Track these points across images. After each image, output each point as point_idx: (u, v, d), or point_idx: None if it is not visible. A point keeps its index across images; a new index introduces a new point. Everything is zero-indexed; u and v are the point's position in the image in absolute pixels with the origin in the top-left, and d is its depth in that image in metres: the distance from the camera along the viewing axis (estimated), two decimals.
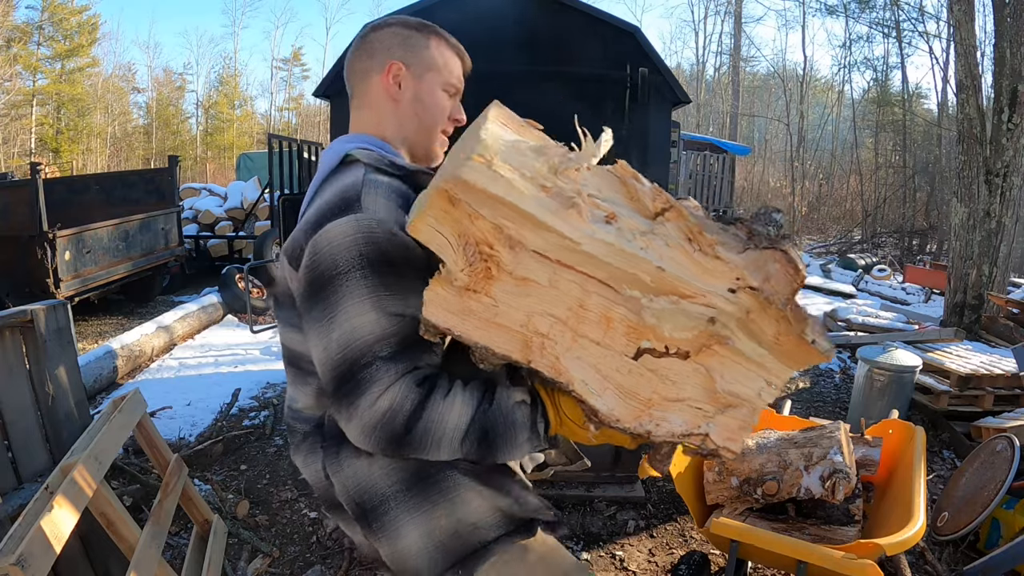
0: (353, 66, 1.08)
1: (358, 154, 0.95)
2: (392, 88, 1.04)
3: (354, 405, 0.82)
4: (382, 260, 0.83)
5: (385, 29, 1.07)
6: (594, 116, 2.65)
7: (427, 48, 1.06)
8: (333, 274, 0.83)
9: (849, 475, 1.84)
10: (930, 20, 14.38)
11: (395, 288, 0.84)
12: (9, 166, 18.52)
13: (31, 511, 1.45)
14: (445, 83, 1.07)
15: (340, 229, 0.84)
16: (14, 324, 2.29)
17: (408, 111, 1.05)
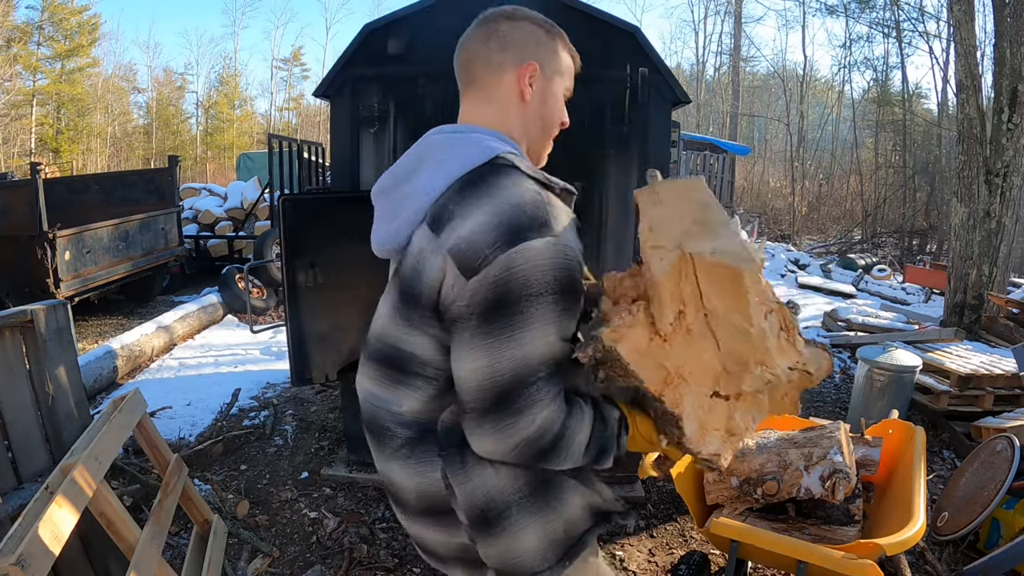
0: (479, 54, 1.04)
1: (513, 159, 0.94)
2: (526, 88, 1.02)
3: (512, 422, 0.86)
4: (569, 286, 0.87)
5: (520, 23, 1.04)
6: (594, 116, 2.66)
7: (556, 51, 1.07)
8: (524, 294, 0.83)
9: (849, 475, 1.84)
10: (930, 20, 14.39)
11: (572, 313, 0.90)
12: (9, 166, 18.51)
13: (31, 511, 1.45)
14: (566, 88, 1.09)
15: (538, 251, 0.83)
16: (14, 324, 2.29)
17: (535, 113, 1.05)
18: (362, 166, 2.78)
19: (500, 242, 0.83)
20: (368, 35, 2.65)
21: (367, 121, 2.74)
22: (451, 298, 0.88)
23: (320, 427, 3.68)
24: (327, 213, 2.64)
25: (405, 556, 2.53)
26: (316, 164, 4.51)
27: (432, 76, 2.67)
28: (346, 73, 2.69)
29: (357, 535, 2.65)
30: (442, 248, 0.88)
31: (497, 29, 1.04)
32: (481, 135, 0.98)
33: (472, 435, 0.90)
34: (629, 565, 2.51)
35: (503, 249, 0.83)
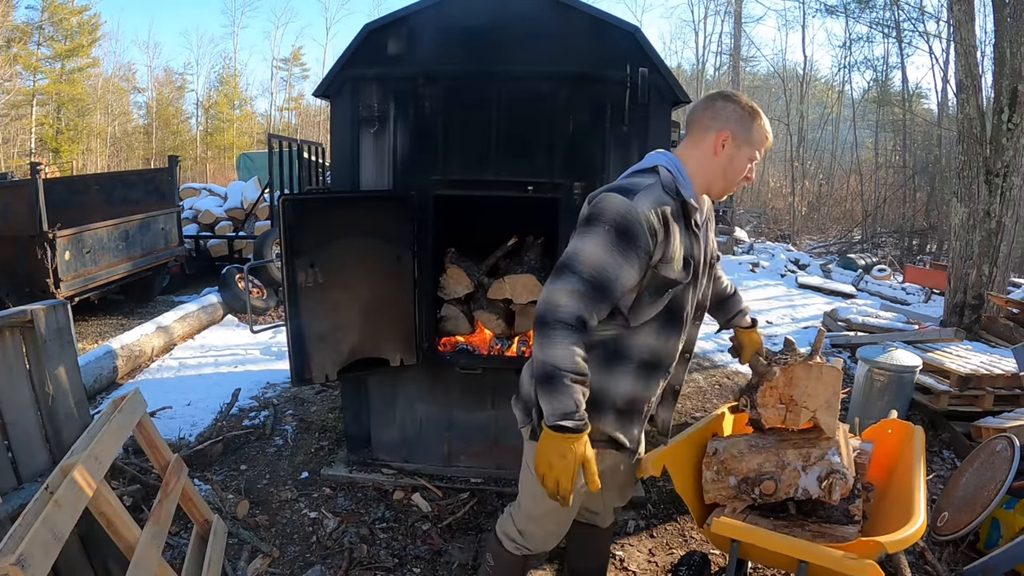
0: (698, 118, 1.56)
1: (662, 171, 1.49)
2: (718, 147, 1.53)
3: (557, 282, 1.38)
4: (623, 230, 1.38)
5: (731, 103, 1.53)
6: (594, 116, 2.66)
7: (751, 129, 1.53)
8: (597, 218, 1.40)
9: (846, 476, 1.83)
10: (930, 20, 14.36)
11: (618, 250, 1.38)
12: (9, 166, 18.51)
13: (31, 511, 1.45)
14: (752, 156, 1.55)
15: (616, 200, 1.40)
16: (14, 324, 2.29)
17: (718, 166, 1.54)
18: (362, 166, 2.78)
19: (606, 190, 1.45)
20: (368, 35, 2.65)
21: (367, 121, 2.74)
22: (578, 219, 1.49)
23: (320, 427, 3.68)
24: (327, 213, 2.64)
25: (405, 556, 2.53)
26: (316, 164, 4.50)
27: (432, 76, 2.67)
28: (346, 73, 2.69)
29: (357, 535, 2.65)
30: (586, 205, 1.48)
31: (715, 103, 1.55)
32: (663, 157, 1.54)
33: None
34: (629, 565, 2.51)
35: (603, 193, 1.44)
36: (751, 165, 1.56)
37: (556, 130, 2.68)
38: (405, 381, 2.99)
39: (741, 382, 4.33)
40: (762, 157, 1.60)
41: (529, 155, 2.71)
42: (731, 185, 1.57)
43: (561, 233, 2.76)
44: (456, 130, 2.72)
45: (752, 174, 1.57)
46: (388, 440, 3.09)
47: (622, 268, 1.38)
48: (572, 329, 1.34)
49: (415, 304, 2.85)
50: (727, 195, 1.63)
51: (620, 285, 1.39)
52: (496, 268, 3.30)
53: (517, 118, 2.68)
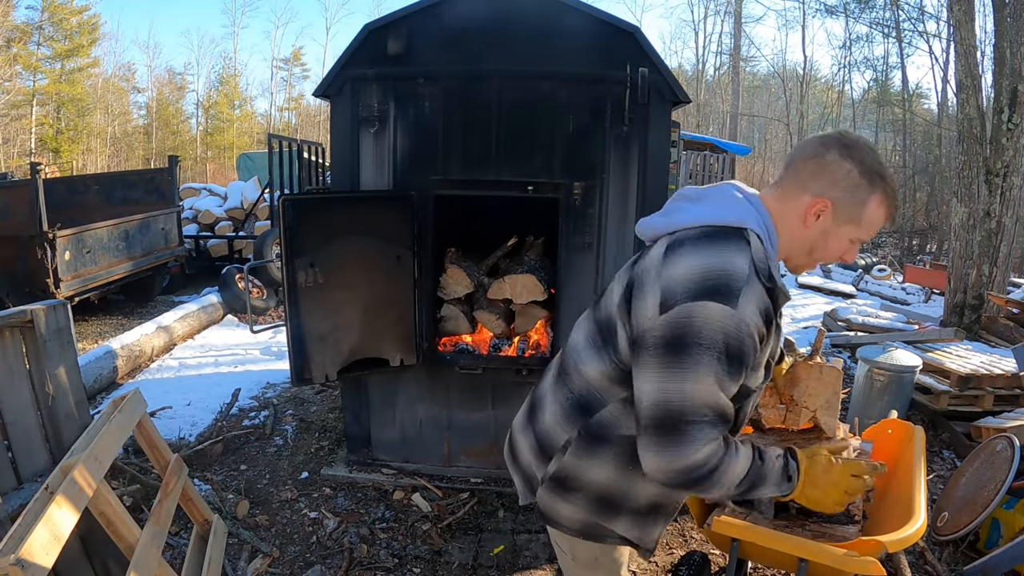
0: (799, 165, 1.15)
1: (752, 241, 1.08)
2: (810, 216, 1.14)
3: (674, 449, 1.03)
4: (735, 354, 1.02)
5: (846, 162, 1.11)
6: (594, 116, 2.66)
7: (865, 204, 1.12)
8: (696, 342, 1.00)
9: None
10: (930, 20, 14.38)
11: (734, 375, 1.04)
12: (9, 166, 18.50)
13: (31, 511, 1.45)
14: (856, 237, 1.16)
15: (717, 313, 1.00)
16: (14, 324, 2.29)
17: (808, 237, 1.16)
18: (362, 166, 2.78)
19: (690, 293, 1.01)
20: (368, 35, 2.65)
21: (367, 121, 2.74)
22: (645, 325, 1.06)
23: (320, 427, 3.68)
24: (327, 213, 2.64)
25: (405, 556, 2.53)
26: (316, 164, 4.50)
27: (432, 76, 2.67)
28: (346, 73, 2.69)
29: (357, 535, 2.65)
30: (657, 282, 1.06)
31: (825, 154, 1.12)
32: (754, 211, 1.13)
33: (643, 451, 1.07)
34: (629, 565, 2.51)
35: (689, 300, 1.01)
36: (851, 249, 1.18)
37: (556, 130, 2.68)
38: (405, 381, 2.99)
39: None
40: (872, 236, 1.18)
41: (529, 155, 2.71)
42: (814, 264, 1.23)
43: (561, 233, 2.77)
44: (456, 130, 2.72)
45: (851, 258, 1.20)
46: (388, 440, 3.09)
47: (730, 390, 1.07)
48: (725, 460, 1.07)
49: (415, 304, 2.85)
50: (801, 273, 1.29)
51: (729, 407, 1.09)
52: (496, 268, 3.30)
53: (517, 118, 2.68)
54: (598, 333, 1.21)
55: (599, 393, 1.20)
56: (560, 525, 1.32)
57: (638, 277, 1.12)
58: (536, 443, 1.33)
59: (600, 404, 1.20)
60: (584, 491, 1.26)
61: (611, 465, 1.22)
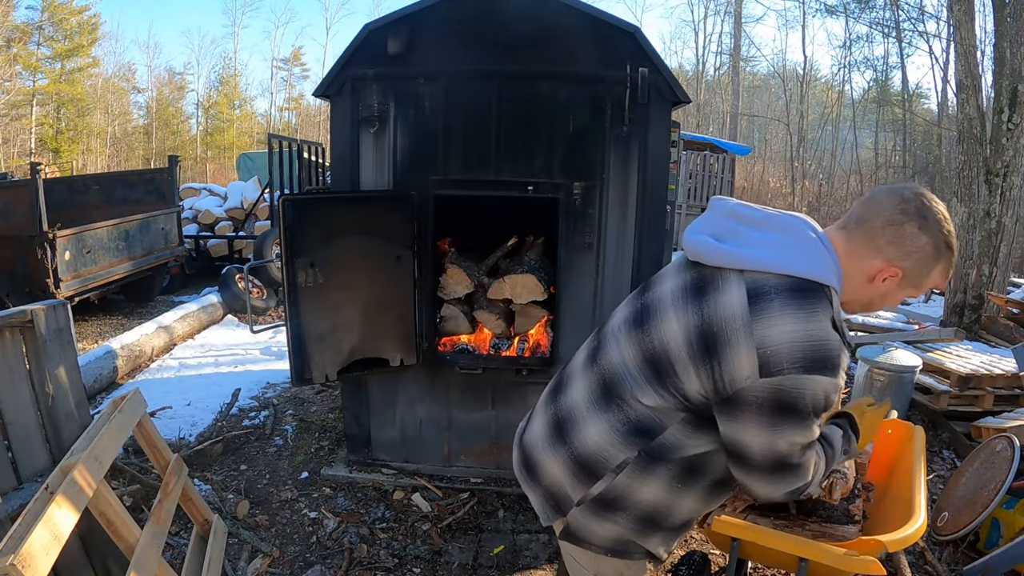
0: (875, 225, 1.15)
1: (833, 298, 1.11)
2: (879, 280, 1.17)
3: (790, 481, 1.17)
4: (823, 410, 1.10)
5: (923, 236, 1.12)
6: (595, 116, 2.66)
7: (929, 274, 1.17)
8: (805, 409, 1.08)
9: (847, 476, 1.84)
10: (930, 20, 14.37)
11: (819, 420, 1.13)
12: (9, 166, 18.50)
13: (31, 511, 1.44)
14: (916, 289, 1.21)
15: (824, 385, 1.06)
16: (14, 324, 2.29)
17: (870, 294, 1.20)
18: (362, 166, 2.78)
19: (797, 366, 1.04)
20: (368, 35, 2.65)
21: (367, 121, 2.74)
22: (740, 384, 1.08)
23: (320, 427, 3.68)
24: (327, 213, 2.64)
25: (405, 556, 2.53)
26: (316, 164, 4.50)
27: (432, 76, 2.67)
28: (346, 73, 2.69)
29: (357, 535, 2.65)
30: (751, 339, 1.06)
31: (904, 223, 1.13)
32: (832, 263, 1.14)
33: (754, 484, 1.19)
34: None
35: (797, 372, 1.05)
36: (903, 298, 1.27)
37: (556, 130, 2.68)
38: (405, 381, 2.99)
39: None
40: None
41: (529, 155, 2.71)
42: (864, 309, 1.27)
43: (561, 233, 2.77)
44: (456, 130, 2.72)
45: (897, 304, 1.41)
46: (388, 440, 3.09)
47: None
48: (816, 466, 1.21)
49: (415, 304, 2.85)
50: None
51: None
52: (496, 268, 3.30)
53: (517, 118, 2.68)
54: (650, 366, 1.19)
55: (659, 418, 1.20)
56: (587, 543, 1.32)
57: (719, 327, 1.10)
58: (575, 464, 1.29)
59: (660, 428, 1.20)
60: (630, 510, 1.27)
61: (662, 483, 1.24)
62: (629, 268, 2.75)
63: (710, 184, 12.77)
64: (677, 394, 1.16)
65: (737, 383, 1.08)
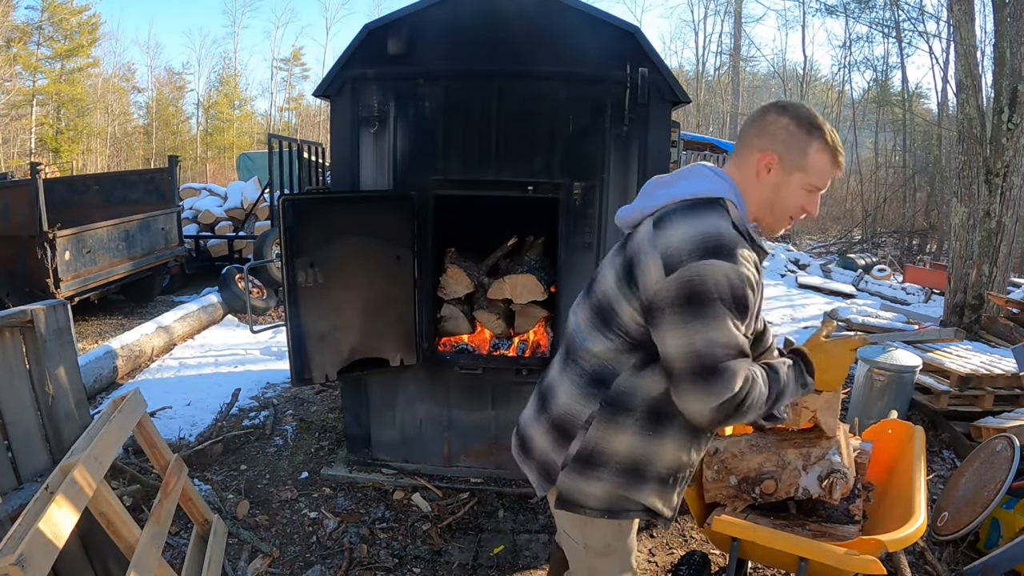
0: (747, 132, 1.31)
1: (729, 207, 1.23)
2: (762, 171, 1.28)
3: (713, 387, 1.14)
4: (740, 302, 1.17)
5: (783, 118, 1.26)
6: (594, 116, 2.66)
7: (805, 153, 1.25)
8: (710, 296, 1.14)
9: (847, 475, 1.84)
10: (930, 20, 14.37)
11: (742, 318, 1.18)
12: (9, 166, 18.50)
13: (31, 511, 1.45)
14: (807, 183, 1.28)
15: (723, 269, 1.14)
16: (14, 324, 2.29)
17: (765, 193, 1.29)
18: (362, 166, 2.78)
19: (694, 255, 1.14)
20: (368, 35, 2.65)
21: (367, 121, 2.74)
22: (654, 290, 1.18)
23: (320, 427, 3.68)
24: (327, 213, 2.64)
25: (405, 556, 2.53)
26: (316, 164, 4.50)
27: (432, 76, 2.67)
28: (346, 73, 2.69)
29: (357, 535, 2.65)
30: (655, 249, 1.19)
31: (764, 117, 1.28)
32: (725, 184, 1.27)
33: (682, 398, 1.19)
34: None
35: (695, 260, 1.14)
36: (810, 200, 1.30)
37: (556, 130, 2.68)
38: (405, 381, 2.99)
39: None
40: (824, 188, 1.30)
41: (529, 155, 2.71)
42: (781, 221, 1.33)
43: (561, 233, 2.77)
44: (456, 130, 2.72)
45: (812, 209, 1.31)
46: (388, 440, 3.09)
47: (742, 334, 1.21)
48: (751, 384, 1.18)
49: (415, 304, 2.85)
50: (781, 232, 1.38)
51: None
52: (496, 268, 3.30)
53: (517, 118, 2.68)
54: (597, 316, 1.31)
55: (610, 364, 1.29)
56: (584, 507, 1.36)
57: (633, 254, 1.24)
58: (553, 428, 1.38)
59: (613, 375, 1.28)
60: (610, 464, 1.32)
61: (633, 431, 1.30)
62: None
63: None
64: (620, 332, 1.27)
65: (651, 290, 1.19)
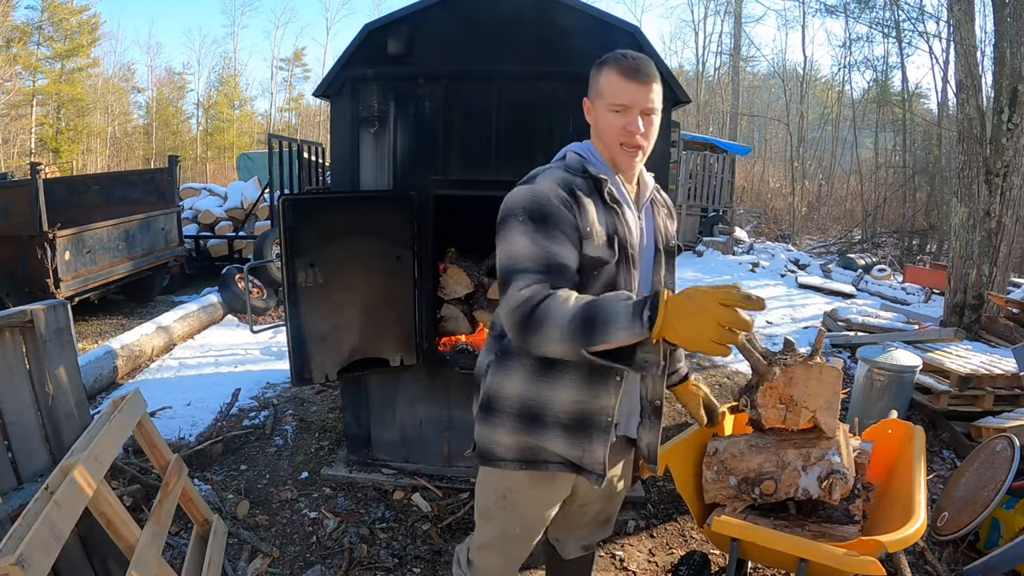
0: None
1: (568, 156, 1.41)
2: (588, 118, 1.42)
3: (507, 292, 1.25)
4: (537, 215, 1.27)
5: (593, 69, 1.40)
6: None
7: (597, 81, 1.38)
8: (508, 216, 1.30)
9: (846, 476, 1.84)
10: (930, 20, 14.35)
11: (542, 232, 1.26)
12: (9, 166, 18.50)
13: (31, 511, 1.45)
14: (609, 104, 1.35)
15: (519, 191, 1.33)
16: (14, 324, 2.29)
17: (596, 134, 1.42)
18: (362, 166, 2.78)
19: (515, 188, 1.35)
20: (368, 35, 2.65)
21: (367, 121, 2.74)
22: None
23: (320, 427, 3.68)
24: (327, 213, 2.64)
25: (405, 556, 2.53)
26: (316, 164, 4.50)
27: (432, 76, 2.67)
28: (346, 73, 2.69)
29: (357, 535, 2.65)
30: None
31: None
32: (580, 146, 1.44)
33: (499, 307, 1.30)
34: (629, 565, 2.51)
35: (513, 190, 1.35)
36: (623, 120, 1.33)
37: (556, 130, 2.67)
38: (405, 381, 2.99)
39: (741, 382, 4.33)
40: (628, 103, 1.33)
41: (529, 155, 2.70)
42: (615, 150, 1.37)
43: None
44: (456, 130, 2.72)
45: (632, 128, 1.33)
46: (388, 440, 3.09)
47: (559, 248, 1.26)
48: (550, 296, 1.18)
49: (415, 304, 2.85)
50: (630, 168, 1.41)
51: (567, 267, 1.26)
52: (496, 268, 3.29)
53: (517, 118, 2.68)
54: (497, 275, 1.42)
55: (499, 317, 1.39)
56: (500, 459, 1.43)
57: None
58: (474, 388, 1.50)
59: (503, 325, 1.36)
60: (507, 409, 1.40)
61: (521, 375, 1.38)
62: None
63: (710, 184, 12.77)
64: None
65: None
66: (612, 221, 1.33)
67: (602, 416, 1.37)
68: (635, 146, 1.36)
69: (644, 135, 1.36)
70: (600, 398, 1.36)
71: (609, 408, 1.37)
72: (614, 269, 1.32)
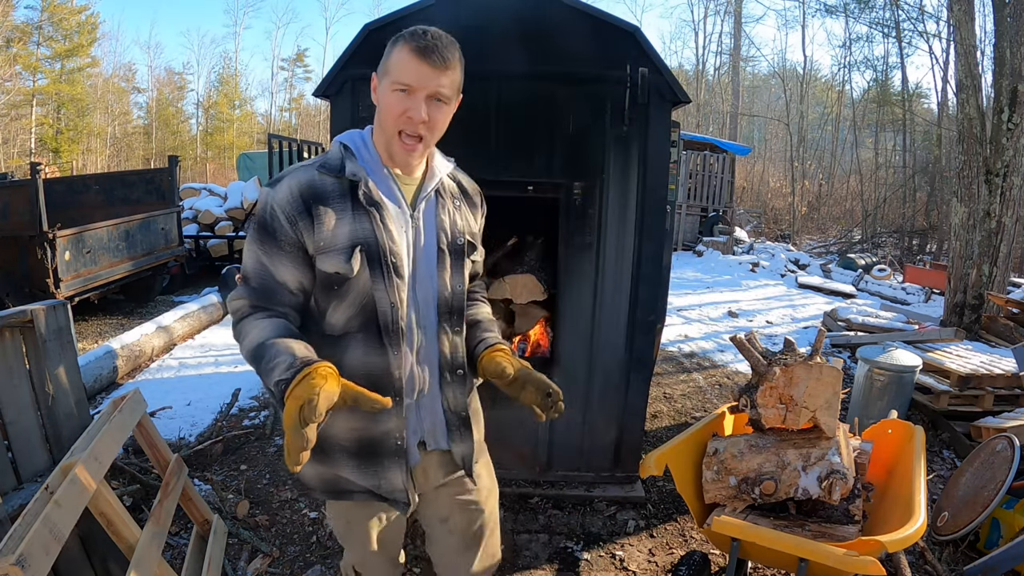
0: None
1: (331, 149, 1.29)
2: (374, 96, 1.25)
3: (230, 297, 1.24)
4: (262, 226, 1.20)
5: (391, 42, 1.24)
6: (594, 116, 2.65)
7: (388, 57, 1.22)
8: (251, 218, 1.26)
9: (846, 476, 1.84)
10: (930, 20, 14.37)
11: (264, 248, 1.20)
12: (9, 166, 18.51)
13: (31, 511, 1.44)
14: (393, 83, 1.19)
15: (261, 194, 1.23)
16: (14, 324, 2.29)
17: (377, 118, 1.26)
18: None
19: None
20: (368, 35, 2.64)
21: (367, 121, 2.73)
22: None
23: None
24: None
25: (405, 556, 2.53)
26: None
27: None
28: (346, 73, 2.69)
29: None
30: None
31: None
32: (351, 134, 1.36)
33: None
34: (629, 565, 2.51)
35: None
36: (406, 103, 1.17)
37: (556, 130, 2.67)
38: None
39: (741, 382, 4.33)
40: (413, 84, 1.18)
41: (529, 155, 2.71)
42: (392, 138, 1.23)
43: (561, 233, 2.76)
44: (456, 130, 2.69)
45: (414, 113, 1.17)
46: None
47: (276, 267, 1.19)
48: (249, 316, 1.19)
49: None
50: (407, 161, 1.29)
51: (282, 288, 1.20)
52: (496, 268, 3.29)
53: (517, 118, 2.68)
54: None
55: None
56: (313, 489, 1.35)
57: None
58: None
59: None
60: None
61: None
62: (629, 268, 2.74)
63: (710, 184, 12.78)
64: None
65: None
66: (364, 228, 1.18)
67: (389, 440, 1.25)
68: (415, 135, 1.20)
69: (428, 124, 1.20)
70: (381, 422, 1.24)
71: (395, 430, 1.25)
72: (367, 281, 1.18)
